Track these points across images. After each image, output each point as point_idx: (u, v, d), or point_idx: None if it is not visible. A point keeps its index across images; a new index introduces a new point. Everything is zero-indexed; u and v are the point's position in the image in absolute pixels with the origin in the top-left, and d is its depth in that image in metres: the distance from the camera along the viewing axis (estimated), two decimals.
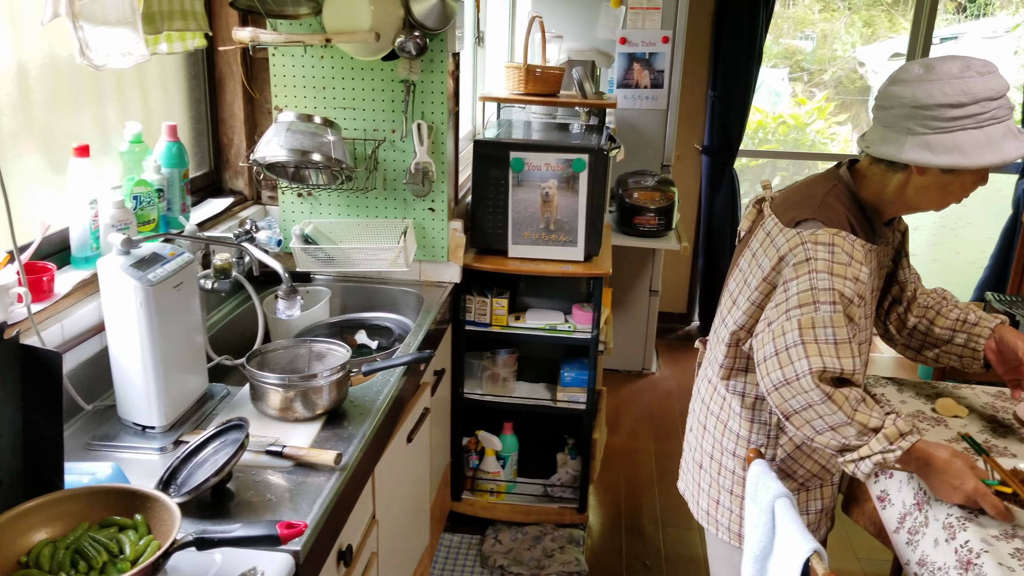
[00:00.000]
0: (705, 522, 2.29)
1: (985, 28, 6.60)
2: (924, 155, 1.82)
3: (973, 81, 1.78)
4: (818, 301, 1.80)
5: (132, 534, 1.42)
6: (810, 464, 2.11)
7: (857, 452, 1.78)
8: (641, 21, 4.49)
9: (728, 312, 2.08)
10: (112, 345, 1.83)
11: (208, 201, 2.79)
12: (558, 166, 3.02)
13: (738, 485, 2.16)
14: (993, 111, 1.79)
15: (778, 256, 1.91)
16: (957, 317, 2.21)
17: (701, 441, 2.25)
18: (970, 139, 1.79)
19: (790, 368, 1.79)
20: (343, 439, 1.91)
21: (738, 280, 2.06)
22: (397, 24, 2.59)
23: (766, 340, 1.85)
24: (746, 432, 2.10)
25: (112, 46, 1.81)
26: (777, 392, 1.82)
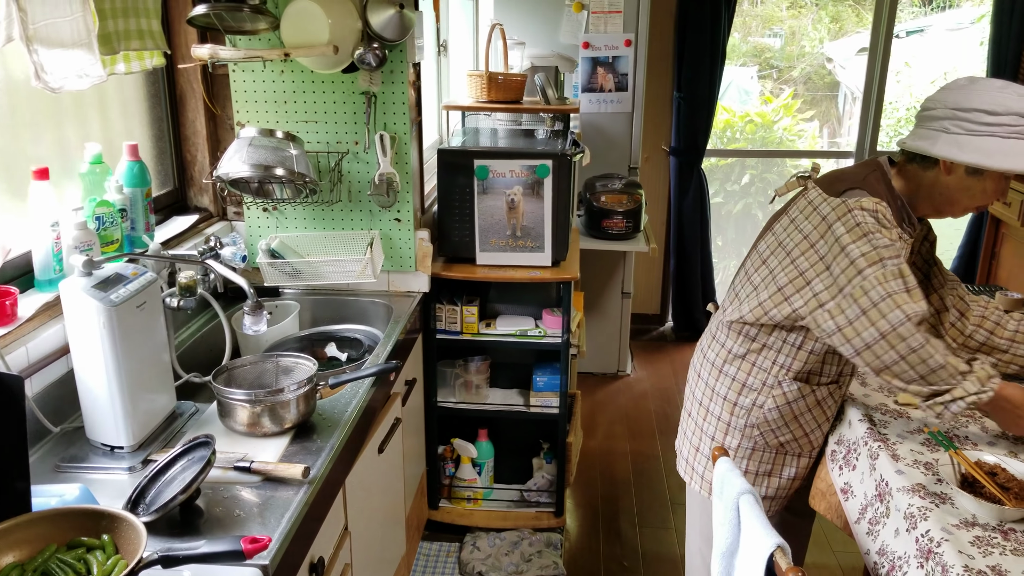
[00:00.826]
0: (684, 473, 2.43)
1: (950, 20, 6.67)
2: (953, 152, 2.01)
3: (1011, 96, 1.97)
4: (883, 258, 1.95)
5: (100, 554, 1.42)
6: (794, 427, 2.25)
7: (949, 394, 1.92)
8: (603, 25, 4.52)
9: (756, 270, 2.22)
10: (78, 367, 1.84)
11: (173, 219, 2.79)
12: (523, 172, 3.04)
13: (720, 431, 2.30)
14: (1022, 127, 1.96)
15: (825, 224, 2.06)
16: (1016, 328, 2.35)
17: (694, 390, 2.39)
18: (996, 145, 1.97)
19: (884, 322, 1.91)
20: (312, 452, 1.92)
21: (770, 243, 2.20)
22: (356, 36, 2.61)
23: (845, 305, 1.98)
24: (744, 376, 2.24)
25: (68, 68, 1.81)
26: (869, 350, 1.94)
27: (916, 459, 2.04)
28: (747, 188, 6.30)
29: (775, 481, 2.33)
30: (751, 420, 2.25)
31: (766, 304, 2.16)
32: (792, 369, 2.20)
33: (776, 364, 2.21)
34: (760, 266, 2.21)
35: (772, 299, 2.14)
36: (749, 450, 2.29)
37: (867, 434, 2.17)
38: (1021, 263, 5.01)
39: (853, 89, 6.33)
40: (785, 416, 2.24)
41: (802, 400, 2.22)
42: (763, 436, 2.26)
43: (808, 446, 2.30)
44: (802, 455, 2.31)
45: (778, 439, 2.27)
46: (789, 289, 2.11)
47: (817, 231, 2.07)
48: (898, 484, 1.94)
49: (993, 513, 1.79)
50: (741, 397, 2.26)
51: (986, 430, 2.20)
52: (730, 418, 2.28)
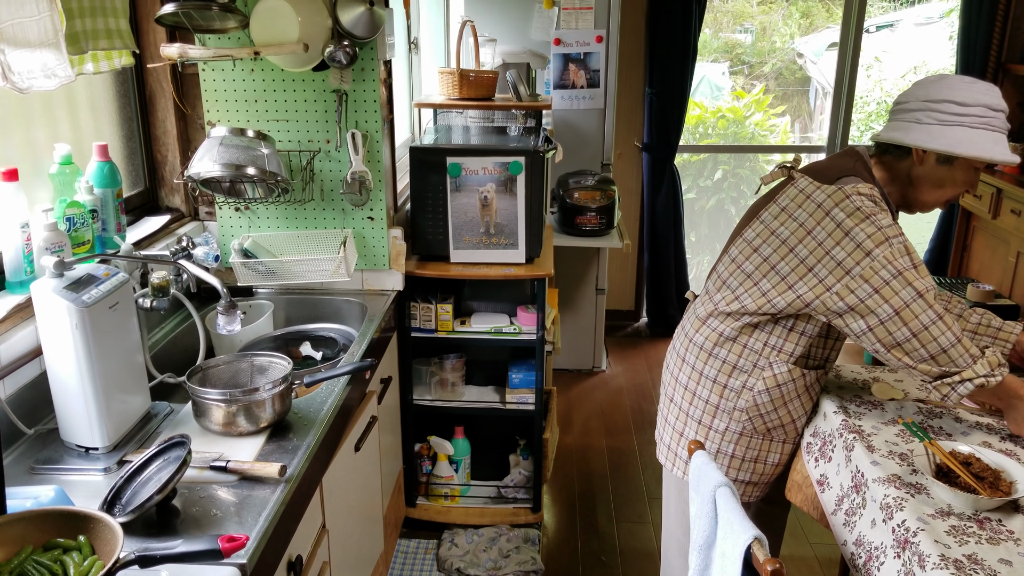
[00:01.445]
0: (665, 459, 2.45)
1: (919, 15, 6.73)
2: (924, 139, 2.08)
3: (979, 90, 2.06)
4: (888, 237, 2.02)
5: (76, 555, 1.42)
6: (783, 412, 2.27)
7: (958, 375, 1.97)
8: (574, 21, 4.53)
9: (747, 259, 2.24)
10: (50, 368, 1.83)
11: (145, 219, 2.77)
12: (495, 169, 3.05)
13: (708, 415, 2.31)
14: (990, 119, 2.06)
15: (822, 211, 2.10)
16: (979, 321, 2.37)
17: (677, 375, 2.39)
18: (965, 135, 2.05)
19: (897, 299, 1.98)
20: (288, 451, 1.92)
21: (760, 232, 2.22)
22: (325, 34, 2.61)
23: (854, 285, 2.03)
24: (734, 358, 2.26)
25: (36, 68, 1.80)
26: (883, 326, 2.00)
27: (891, 450, 2.05)
28: (720, 184, 6.33)
29: (760, 467, 2.35)
30: (740, 403, 2.26)
31: (770, 294, 2.17)
32: (784, 351, 2.22)
33: (768, 346, 2.22)
34: (751, 254, 2.23)
35: (776, 288, 2.16)
36: (736, 434, 2.30)
37: (842, 426, 2.19)
38: (992, 255, 5.08)
39: (824, 84, 6.39)
40: (775, 400, 2.25)
41: (792, 384, 2.24)
42: (751, 420, 2.27)
43: (793, 432, 2.33)
44: (786, 441, 2.34)
45: (766, 424, 2.28)
46: (793, 277, 2.14)
47: (813, 218, 2.11)
48: (873, 475, 1.96)
49: (968, 503, 1.81)
50: (731, 379, 2.27)
51: (959, 420, 2.23)
52: (719, 400, 2.29)
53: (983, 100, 2.04)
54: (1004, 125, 2.08)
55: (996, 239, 5.02)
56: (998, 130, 2.06)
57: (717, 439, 2.31)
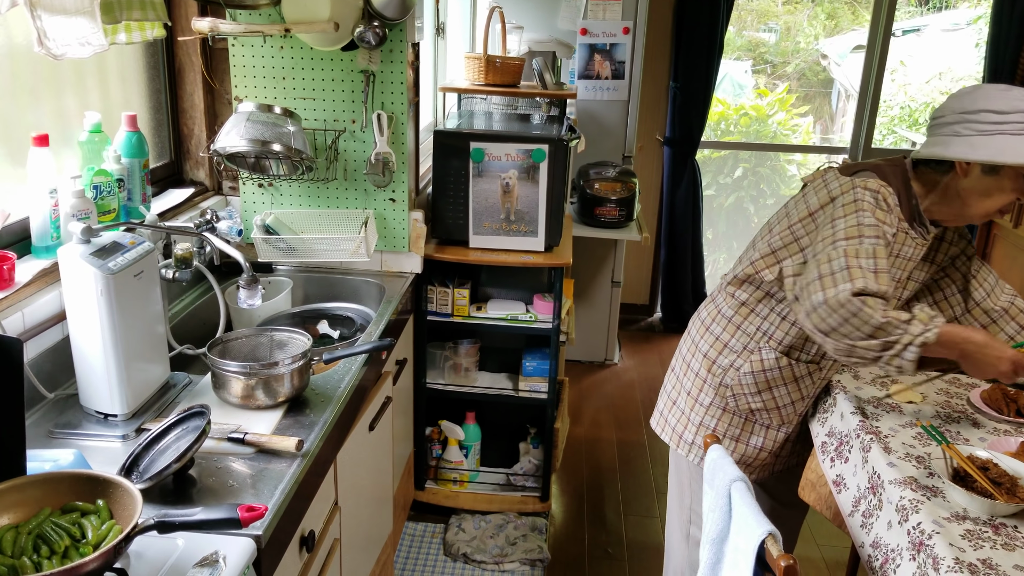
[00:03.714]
0: (656, 425, 2.55)
1: (946, 21, 6.68)
2: (966, 151, 2.05)
3: (1015, 96, 2.03)
4: (863, 235, 2.02)
5: (94, 519, 1.43)
6: (767, 397, 2.33)
7: (899, 343, 1.94)
8: (602, 12, 4.52)
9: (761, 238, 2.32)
10: (73, 333, 1.84)
11: (169, 191, 2.78)
12: (518, 156, 3.05)
13: (696, 387, 2.39)
14: None
15: (829, 197, 2.15)
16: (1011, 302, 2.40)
17: (682, 347, 2.49)
18: (1008, 142, 2.02)
19: (832, 289, 1.96)
20: (305, 426, 1.93)
21: (780, 215, 2.29)
22: (356, 14, 2.61)
23: (811, 268, 2.05)
24: (728, 336, 2.33)
25: (70, 36, 1.81)
26: (816, 312, 1.99)
27: (908, 452, 2.05)
28: (739, 181, 6.31)
29: (741, 447, 2.41)
30: (726, 380, 2.34)
31: (758, 263, 2.26)
32: (774, 338, 2.28)
33: (760, 331, 2.29)
34: (766, 234, 2.31)
35: (764, 259, 2.24)
36: (720, 410, 2.37)
37: (859, 427, 2.18)
38: (1012, 264, 5.05)
39: (847, 86, 6.35)
40: (759, 383, 2.31)
41: (778, 371, 2.29)
42: (735, 398, 2.34)
43: (778, 419, 2.37)
44: (771, 427, 2.38)
45: (749, 405, 2.34)
46: (783, 253, 2.22)
47: (819, 202, 2.16)
48: (890, 477, 1.95)
49: (984, 507, 1.80)
50: (720, 356, 2.34)
51: (978, 425, 2.22)
52: (707, 375, 2.37)
53: (1020, 106, 2.01)
54: None
55: (1017, 248, 4.98)
56: None
57: (701, 412, 2.39)
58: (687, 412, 2.43)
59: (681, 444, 2.44)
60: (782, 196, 6.32)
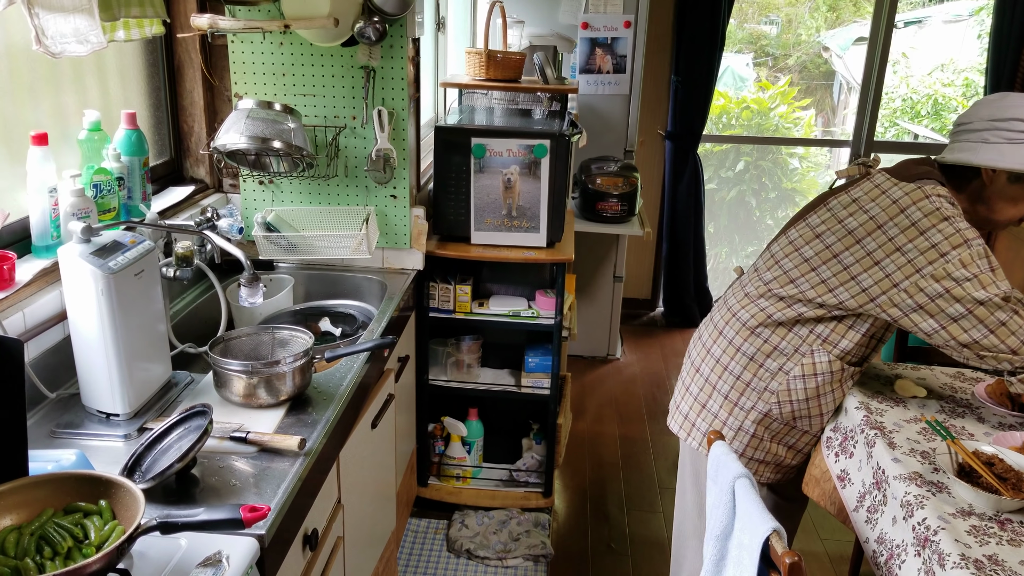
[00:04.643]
0: (680, 429, 2.45)
1: (948, 12, 6.66)
2: (995, 159, 2.08)
3: None
4: (967, 240, 2.02)
5: (97, 520, 1.42)
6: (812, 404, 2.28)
7: None
8: (603, 6, 4.50)
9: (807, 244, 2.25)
10: (74, 333, 1.83)
11: (169, 189, 2.77)
12: (520, 152, 3.04)
13: (736, 391, 2.31)
14: None
15: (896, 207, 2.11)
16: None
17: (711, 347, 2.39)
18: None
19: (970, 299, 1.98)
20: (307, 425, 1.92)
21: (826, 219, 2.23)
22: (356, 10, 2.59)
23: (924, 284, 2.04)
24: (777, 339, 2.26)
25: (68, 33, 1.80)
26: (956, 324, 2.01)
27: (913, 447, 2.05)
28: (741, 175, 6.30)
29: (777, 449, 2.37)
30: (773, 385, 2.27)
31: (831, 282, 2.18)
32: (829, 340, 2.23)
33: (813, 333, 2.23)
34: (813, 239, 2.23)
35: (838, 278, 2.17)
36: (761, 414, 2.30)
37: (864, 422, 2.18)
38: (1015, 257, 5.03)
39: (849, 79, 6.34)
40: (808, 389, 2.26)
41: (829, 375, 2.24)
42: (779, 404, 2.28)
43: (819, 425, 2.33)
44: (808, 432, 2.34)
45: (793, 411, 2.29)
46: (856, 268, 2.14)
47: (886, 213, 2.12)
48: (895, 472, 1.95)
49: (990, 503, 1.80)
50: (769, 360, 2.27)
51: (983, 420, 2.22)
52: (751, 378, 2.29)
53: None
54: None
55: (1019, 242, 4.97)
56: None
57: (741, 416, 2.31)
58: (721, 416, 2.34)
59: None
60: (784, 189, 6.31)
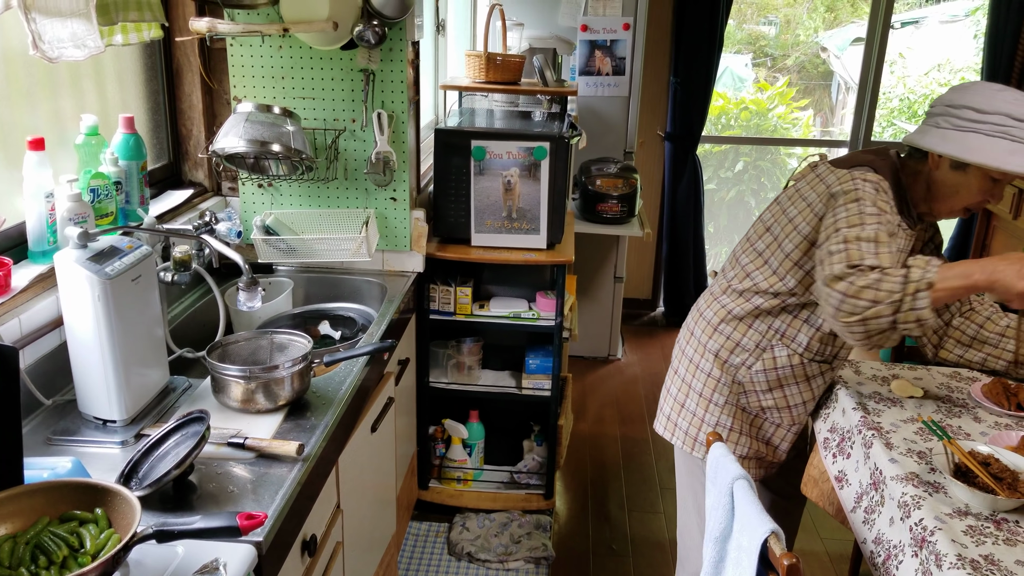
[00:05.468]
0: (664, 430, 2.49)
1: (945, 12, 6.66)
2: (936, 143, 2.06)
3: (1003, 98, 2.01)
4: (864, 223, 1.98)
5: (92, 528, 1.41)
6: (778, 395, 2.31)
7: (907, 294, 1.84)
8: (602, 8, 4.49)
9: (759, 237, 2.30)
10: (71, 339, 1.82)
11: (168, 193, 2.77)
12: (520, 154, 3.03)
13: (708, 387, 2.35)
14: (1009, 127, 1.99)
15: (828, 192, 2.12)
16: (1008, 324, 2.38)
17: (684, 348, 2.44)
18: (978, 142, 2.01)
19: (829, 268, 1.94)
20: (306, 430, 1.91)
21: (775, 211, 2.28)
22: (355, 13, 2.59)
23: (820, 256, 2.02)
24: (738, 336, 2.29)
25: (66, 38, 1.79)
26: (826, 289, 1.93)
27: (910, 448, 2.05)
28: (740, 175, 6.29)
29: (756, 444, 2.40)
30: (738, 377, 2.31)
31: (779, 271, 2.22)
32: (787, 335, 2.26)
33: (772, 329, 2.26)
34: (764, 233, 2.29)
35: (783, 265, 2.21)
36: (734, 407, 2.35)
37: (861, 422, 2.18)
38: None
39: (847, 79, 6.33)
40: (771, 381, 2.29)
41: (790, 369, 2.28)
42: (747, 396, 2.33)
43: (789, 419, 2.36)
44: (781, 426, 2.37)
45: (761, 403, 2.33)
46: (796, 254, 2.18)
47: (820, 198, 2.14)
48: (892, 472, 1.95)
49: (986, 503, 1.80)
50: (732, 356, 2.31)
51: (979, 420, 2.21)
52: (720, 374, 2.33)
53: (1004, 108, 2.00)
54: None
55: (1016, 240, 4.97)
56: (1019, 140, 1.99)
57: (716, 411, 2.36)
58: (699, 413, 2.37)
59: (696, 447, 2.39)
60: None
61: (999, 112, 2.00)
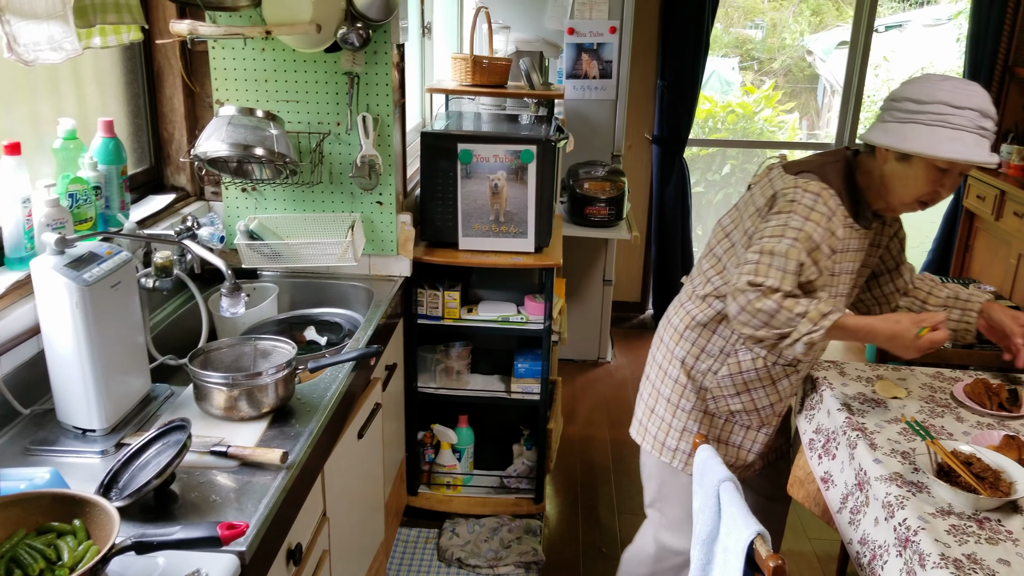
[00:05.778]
0: (636, 434, 2.54)
1: (928, 16, 6.70)
2: (879, 137, 2.08)
3: (943, 87, 2.01)
4: (785, 235, 2.04)
5: (71, 540, 1.38)
6: (745, 399, 2.33)
7: (791, 336, 1.98)
8: (588, 11, 4.48)
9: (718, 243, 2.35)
10: (49, 347, 1.79)
11: (150, 198, 2.73)
12: (506, 157, 3.01)
13: (676, 393, 2.39)
14: (948, 116, 1.99)
15: (773, 193, 2.16)
16: (948, 295, 2.42)
17: (655, 354, 2.49)
18: (916, 131, 2.01)
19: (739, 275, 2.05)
20: (290, 437, 1.88)
21: (733, 216, 2.33)
22: (339, 15, 2.56)
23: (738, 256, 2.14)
24: (703, 342, 2.33)
25: (42, 41, 1.76)
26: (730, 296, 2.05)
27: (894, 448, 2.06)
28: (728, 178, 6.30)
29: (723, 448, 2.42)
30: (706, 383, 2.33)
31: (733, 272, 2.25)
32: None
33: (736, 333, 2.27)
34: (723, 239, 2.32)
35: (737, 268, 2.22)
36: (701, 413, 2.37)
37: (845, 423, 2.19)
38: (994, 257, 5.05)
39: (833, 82, 6.35)
40: (737, 385, 2.31)
41: (754, 372, 2.29)
42: (715, 401, 2.35)
43: (758, 420, 2.37)
44: (751, 428, 2.38)
45: (729, 407, 2.35)
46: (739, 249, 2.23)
47: (767, 204, 2.18)
48: (876, 473, 1.96)
49: (969, 502, 1.82)
50: (698, 362, 2.34)
51: (961, 420, 2.22)
52: (687, 380, 2.36)
53: (942, 97, 1.99)
54: (972, 123, 1.99)
55: (998, 240, 4.99)
56: (959, 128, 1.99)
57: (683, 417, 2.38)
58: (667, 418, 2.41)
59: (664, 451, 2.43)
60: None
61: (937, 101, 2.00)
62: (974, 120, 1.99)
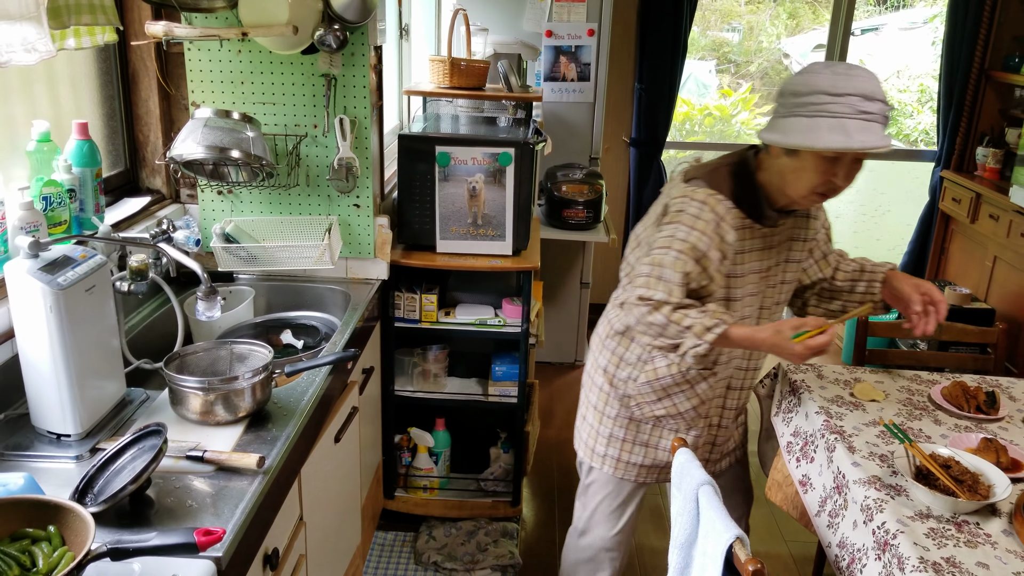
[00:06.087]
0: (576, 443, 2.61)
1: (904, 19, 6.75)
2: (766, 134, 2.08)
3: (822, 77, 1.97)
4: (671, 247, 2.07)
5: (45, 546, 1.37)
6: (667, 403, 2.35)
7: (681, 347, 2.03)
8: (567, 14, 4.49)
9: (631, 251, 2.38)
10: (22, 352, 1.77)
11: (125, 201, 2.71)
12: (484, 160, 3.01)
13: (601, 400, 2.43)
14: (827, 105, 1.95)
15: (664, 204, 2.19)
16: (854, 268, 2.41)
17: (586, 364, 2.55)
18: (797, 124, 1.99)
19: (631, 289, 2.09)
20: (267, 441, 1.88)
21: (645, 223, 2.34)
22: (316, 17, 2.55)
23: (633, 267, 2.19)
24: (622, 350, 2.36)
25: (15, 42, 1.74)
26: (622, 307, 2.11)
27: (872, 451, 2.06)
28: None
29: (652, 452, 2.43)
30: (627, 391, 2.36)
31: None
32: None
33: None
34: (636, 247, 2.34)
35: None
36: (626, 419, 2.41)
37: (824, 426, 2.19)
38: (969, 259, 5.10)
39: None
40: (656, 391, 2.33)
41: (670, 378, 2.31)
42: (639, 407, 2.37)
43: (683, 423, 2.39)
44: (679, 431, 2.40)
45: (653, 412, 2.37)
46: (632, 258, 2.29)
47: (662, 212, 2.20)
48: (855, 476, 1.96)
49: (947, 505, 1.83)
50: (619, 370, 2.37)
51: (939, 422, 2.23)
52: (610, 388, 2.39)
53: (820, 86, 1.96)
54: (854, 109, 1.93)
55: (974, 243, 5.04)
56: (839, 116, 1.94)
57: (609, 424, 2.43)
58: (596, 425, 2.46)
59: (595, 457, 2.49)
60: None
61: (815, 91, 1.96)
62: (855, 105, 1.93)
